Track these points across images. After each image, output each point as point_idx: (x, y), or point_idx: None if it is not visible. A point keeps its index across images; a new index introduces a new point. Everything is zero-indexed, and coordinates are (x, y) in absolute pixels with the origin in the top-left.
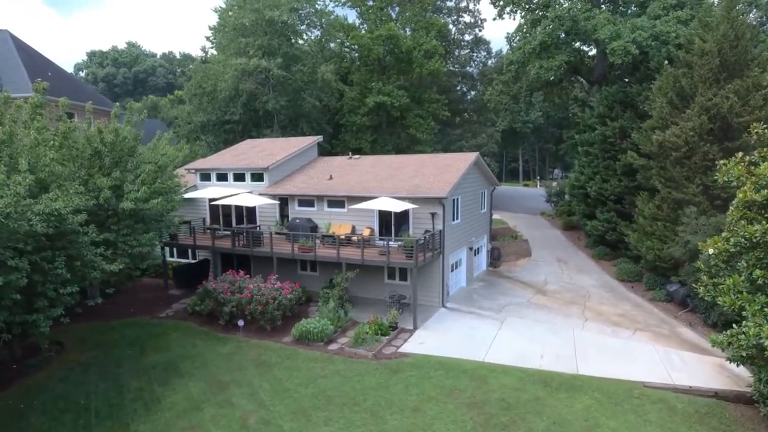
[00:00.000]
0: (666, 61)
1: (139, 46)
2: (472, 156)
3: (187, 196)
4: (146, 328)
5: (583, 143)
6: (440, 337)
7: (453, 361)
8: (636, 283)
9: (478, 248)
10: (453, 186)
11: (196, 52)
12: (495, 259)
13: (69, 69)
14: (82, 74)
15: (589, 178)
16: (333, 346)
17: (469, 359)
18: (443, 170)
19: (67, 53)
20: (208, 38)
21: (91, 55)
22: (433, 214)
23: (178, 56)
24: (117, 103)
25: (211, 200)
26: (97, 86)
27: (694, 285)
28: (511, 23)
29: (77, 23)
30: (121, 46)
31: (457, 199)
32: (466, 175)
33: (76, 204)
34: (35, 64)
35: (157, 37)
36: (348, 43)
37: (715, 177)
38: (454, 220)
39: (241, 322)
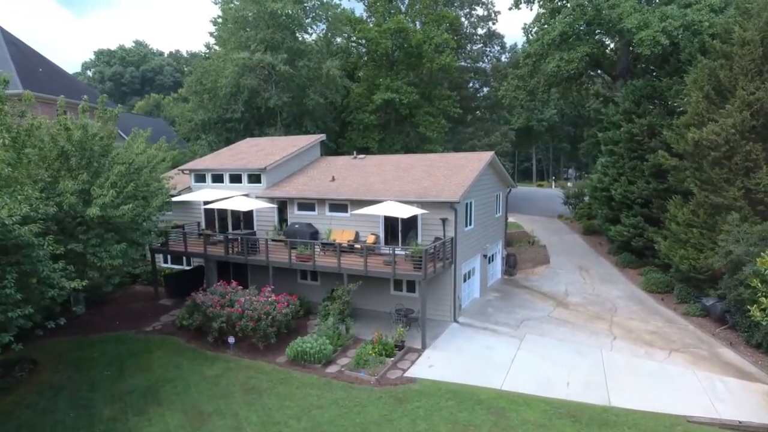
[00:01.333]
0: (699, 53)
1: (146, 44)
2: (486, 156)
3: (177, 199)
4: (129, 344)
5: (607, 142)
6: (452, 358)
7: (467, 388)
8: (666, 295)
9: (492, 255)
10: (466, 189)
11: (203, 50)
12: (511, 266)
13: (78, 68)
14: (89, 73)
15: (614, 180)
16: (332, 369)
17: (485, 386)
18: (455, 171)
19: (82, 53)
20: (211, 34)
21: (99, 53)
22: (444, 220)
23: (185, 55)
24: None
25: (205, 203)
26: (104, 85)
27: (747, 306)
28: (528, 14)
29: (92, 23)
30: (129, 44)
31: (471, 203)
32: (481, 177)
33: (24, 212)
34: (26, 59)
35: (166, 36)
36: (355, 38)
37: (758, 180)
38: (467, 226)
39: (231, 340)
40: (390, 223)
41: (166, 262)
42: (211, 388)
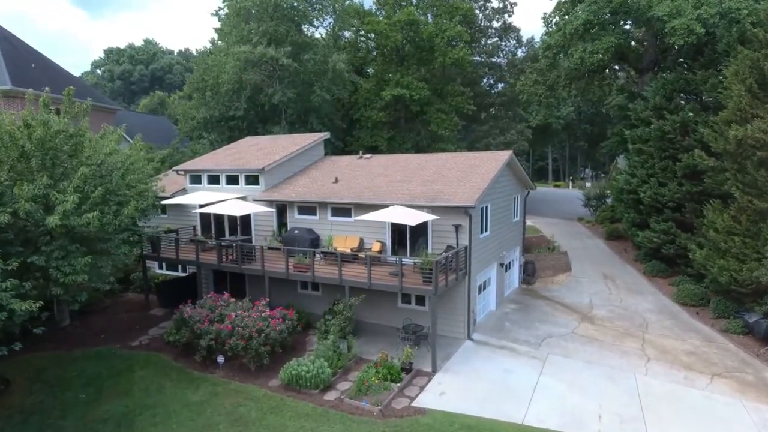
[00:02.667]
0: (738, 43)
1: (156, 43)
2: (504, 155)
3: (168, 202)
4: (111, 362)
5: (635, 140)
6: (466, 384)
7: (483, 422)
8: (701, 308)
9: (509, 263)
10: (482, 192)
11: (208, 46)
12: (529, 274)
13: (88, 67)
14: (99, 72)
15: (643, 181)
16: (330, 395)
17: (504, 420)
18: (469, 172)
19: (95, 53)
20: (216, 29)
21: (108, 52)
22: (457, 227)
23: (195, 53)
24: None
25: (201, 206)
26: (114, 84)
27: None
28: (547, 4)
29: (105, 24)
30: (139, 43)
31: (487, 207)
32: (498, 179)
33: None
34: (18, 54)
35: (178, 35)
36: (363, 31)
37: None
38: (482, 232)
39: (220, 359)
40: (398, 228)
41: (161, 268)
42: (193, 418)
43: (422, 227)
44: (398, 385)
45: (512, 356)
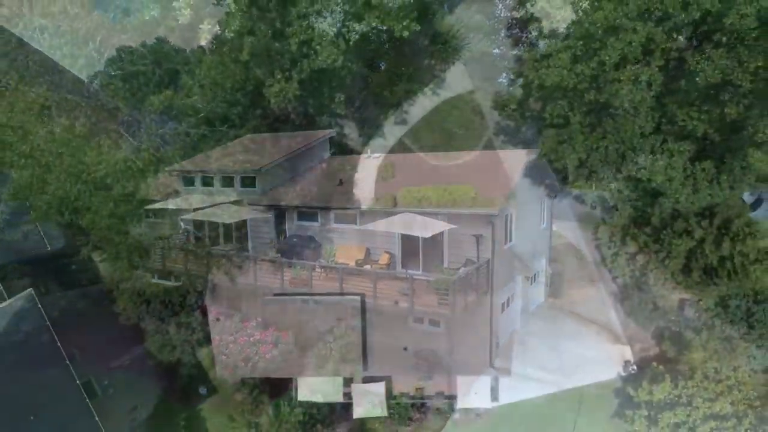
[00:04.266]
0: None
1: (168, 41)
2: (530, 154)
3: (151, 206)
4: (85, 387)
5: (669, 138)
6: (489, 428)
7: None
8: (750, 327)
9: (535, 275)
10: (506, 197)
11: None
12: (555, 287)
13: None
14: (111, 71)
15: (680, 184)
16: None
17: None
18: (492, 174)
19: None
20: (218, 21)
21: (120, 51)
22: (477, 237)
23: (207, 52)
24: None
25: (194, 210)
26: (125, 83)
27: None
28: None
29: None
30: (151, 41)
31: (511, 214)
32: (523, 180)
33: None
34: (10, 48)
35: (196, 34)
36: (375, 23)
37: None
38: (506, 243)
39: (203, 390)
40: (409, 237)
41: (153, 276)
42: None
43: (437, 236)
44: (409, 429)
45: (541, 388)
